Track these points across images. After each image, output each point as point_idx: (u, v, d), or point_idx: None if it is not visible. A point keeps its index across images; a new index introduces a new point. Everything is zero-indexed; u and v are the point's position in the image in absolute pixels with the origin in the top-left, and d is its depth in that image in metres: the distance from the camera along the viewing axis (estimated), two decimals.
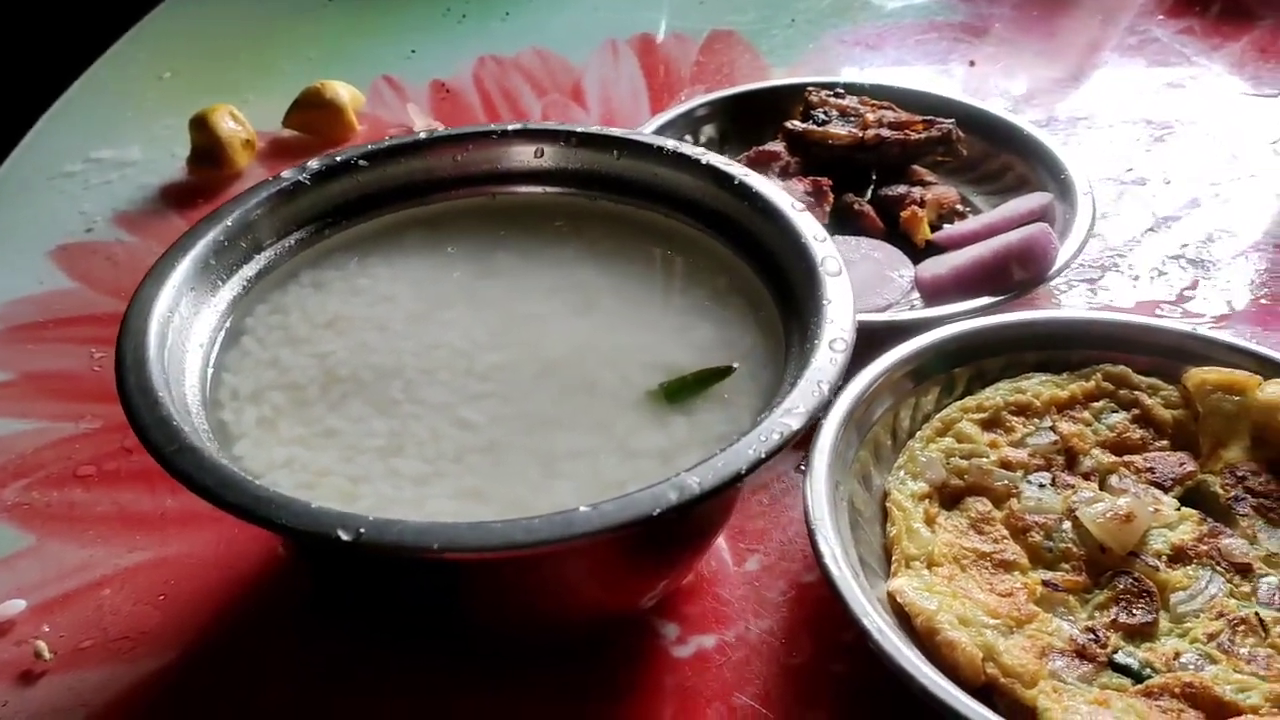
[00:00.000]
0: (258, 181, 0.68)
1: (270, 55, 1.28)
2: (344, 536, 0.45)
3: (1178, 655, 0.59)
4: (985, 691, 0.57)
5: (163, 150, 1.08)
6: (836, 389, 0.54)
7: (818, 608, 0.65)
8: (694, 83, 1.22)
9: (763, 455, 0.49)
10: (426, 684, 0.60)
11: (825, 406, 0.53)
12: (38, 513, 0.71)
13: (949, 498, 0.68)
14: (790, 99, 1.03)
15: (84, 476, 0.74)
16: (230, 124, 1.03)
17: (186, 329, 0.60)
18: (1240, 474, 0.68)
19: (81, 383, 0.81)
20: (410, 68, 1.26)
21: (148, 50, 1.29)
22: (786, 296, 0.63)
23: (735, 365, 0.61)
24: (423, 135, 0.72)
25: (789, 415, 0.51)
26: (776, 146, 0.96)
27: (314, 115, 1.09)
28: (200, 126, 1.03)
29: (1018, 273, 0.80)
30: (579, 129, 0.72)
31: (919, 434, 0.71)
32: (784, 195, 0.66)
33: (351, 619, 0.62)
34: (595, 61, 1.27)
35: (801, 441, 0.66)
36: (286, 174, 0.68)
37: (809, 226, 0.64)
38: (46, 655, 0.62)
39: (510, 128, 0.73)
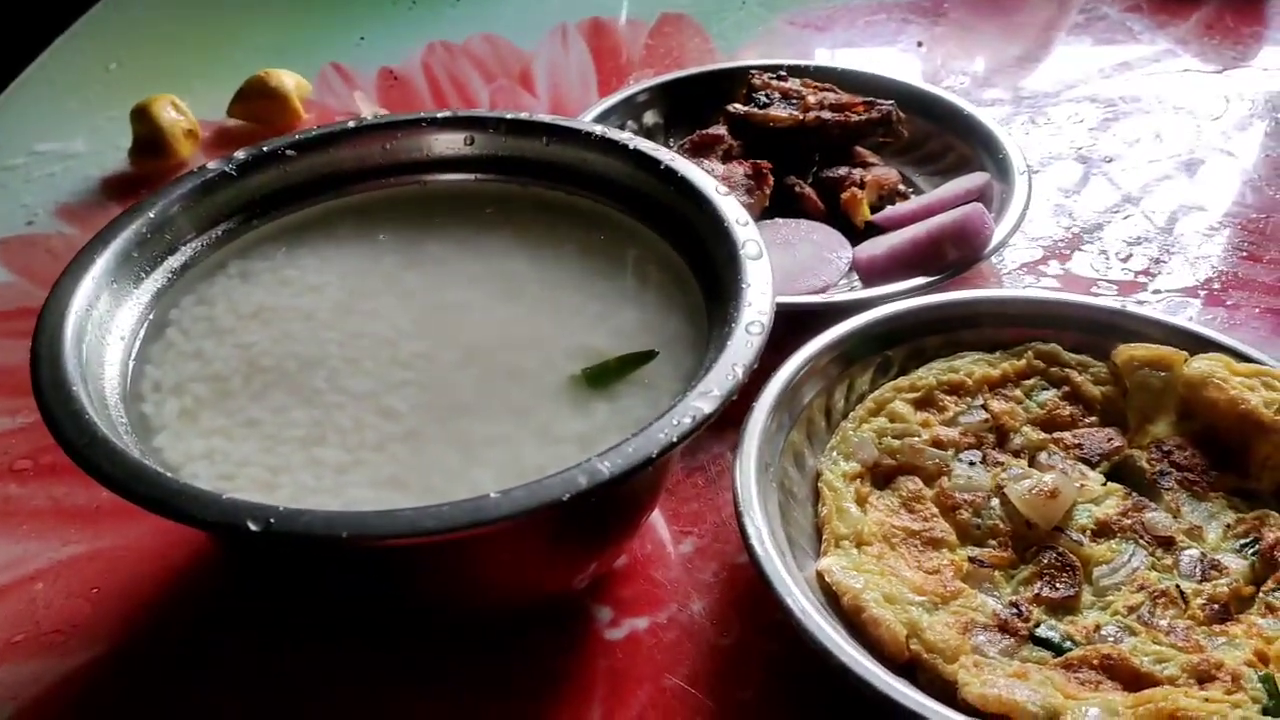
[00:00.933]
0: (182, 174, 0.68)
1: (218, 44, 1.27)
2: (253, 527, 0.45)
3: (1098, 628, 0.60)
4: (909, 668, 0.58)
5: (107, 142, 1.08)
6: (751, 371, 0.54)
7: (749, 588, 0.65)
8: (643, 67, 1.22)
9: (674, 439, 0.50)
10: (358, 675, 0.61)
11: (738, 389, 0.53)
12: None
13: (881, 477, 0.69)
14: (734, 82, 1.03)
15: (19, 471, 0.73)
16: (171, 114, 1.02)
17: (107, 322, 0.59)
18: (1166, 449, 0.69)
19: (18, 377, 0.79)
20: (359, 55, 1.25)
21: (94, 41, 1.27)
22: (710, 281, 0.63)
23: (657, 350, 0.61)
24: (351, 124, 0.72)
25: (702, 399, 0.52)
26: (719, 130, 0.96)
27: (259, 104, 1.08)
28: (141, 117, 1.02)
29: (952, 252, 0.80)
30: (508, 115, 0.72)
31: (852, 414, 0.72)
32: (708, 179, 0.66)
33: (278, 611, 0.62)
34: (545, 47, 1.26)
35: (736, 424, 0.67)
36: (212, 165, 0.68)
37: (732, 210, 0.64)
38: None
39: (439, 115, 0.72)
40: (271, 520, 0.46)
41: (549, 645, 0.62)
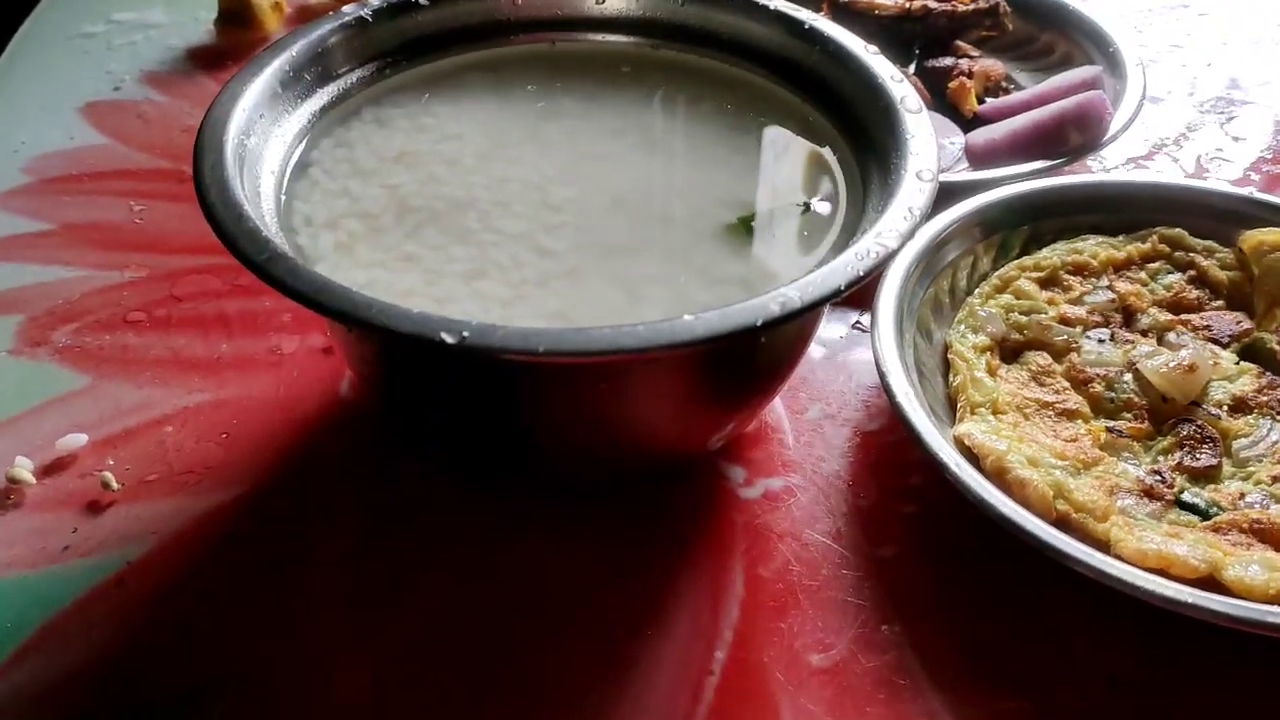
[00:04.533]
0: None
1: None
2: (448, 339, 0.45)
3: (1242, 495, 0.60)
4: (1057, 528, 0.58)
5: (186, 13, 1.05)
6: (926, 214, 0.53)
7: (883, 454, 0.65)
8: None
9: (861, 273, 0.49)
10: (492, 524, 0.60)
11: (915, 231, 0.53)
12: (90, 355, 0.70)
13: (1009, 352, 0.69)
14: None
15: (134, 322, 0.72)
16: None
17: (259, 154, 0.58)
18: None
19: (123, 233, 0.80)
20: None
21: None
22: (861, 139, 0.62)
23: (811, 203, 0.60)
24: None
25: (883, 237, 0.51)
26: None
27: None
28: None
29: (1074, 137, 0.80)
30: None
31: (978, 291, 0.71)
32: (856, 39, 0.65)
33: (410, 455, 0.61)
34: None
35: (858, 300, 0.66)
36: (348, 9, 0.66)
37: (884, 68, 0.63)
38: (114, 485, 0.61)
39: None
40: (465, 334, 0.45)
41: (685, 502, 0.62)
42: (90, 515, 0.60)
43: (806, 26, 0.66)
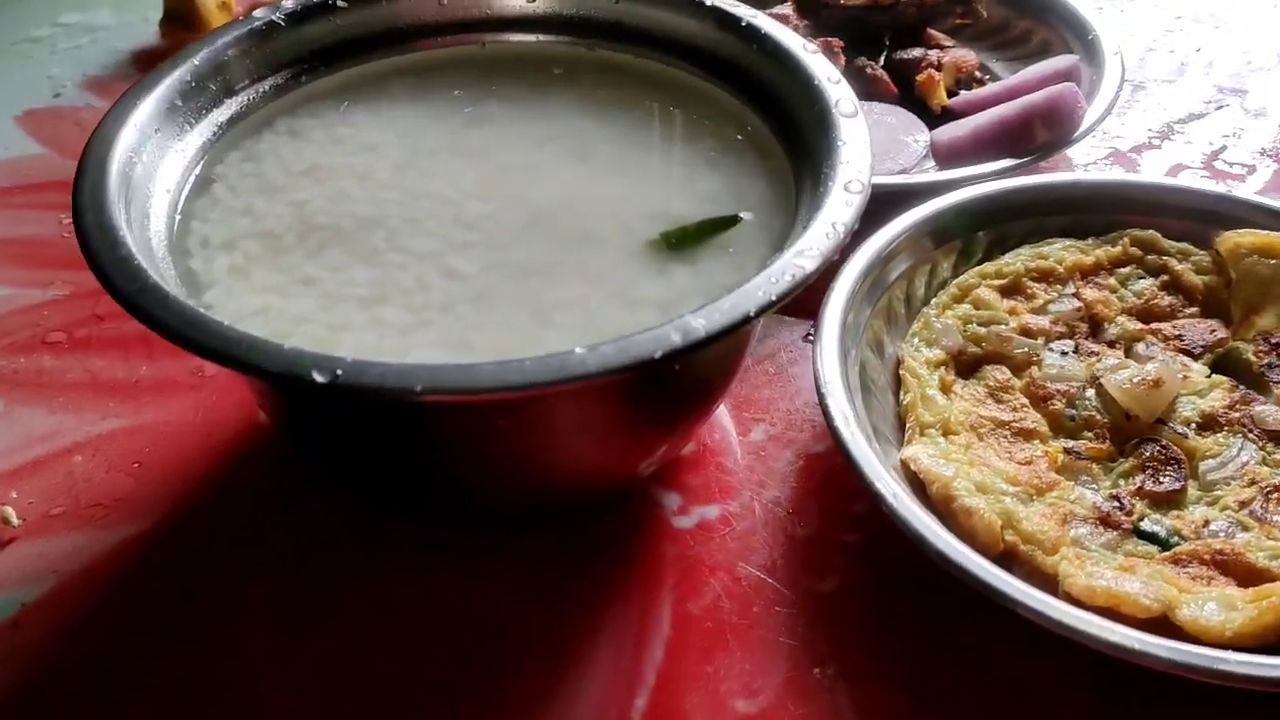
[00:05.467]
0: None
1: None
2: (319, 379, 0.42)
3: (1207, 523, 0.56)
4: (1003, 561, 0.54)
5: (134, 14, 1.02)
6: (852, 231, 0.50)
7: (827, 478, 0.62)
8: None
9: (773, 297, 0.46)
10: (410, 557, 0.57)
11: (839, 249, 0.49)
12: (4, 379, 0.67)
13: (965, 366, 0.65)
14: None
15: (53, 343, 0.70)
16: None
17: (152, 173, 0.55)
18: (1275, 340, 0.65)
19: (50, 249, 0.77)
20: None
21: None
22: (797, 144, 0.58)
23: (742, 215, 0.57)
24: None
25: (801, 257, 0.48)
26: (785, 9, 0.91)
27: None
28: None
29: (1041, 134, 0.75)
30: None
31: (935, 300, 0.67)
32: (795, 37, 0.61)
33: (329, 480, 0.58)
34: None
35: (808, 310, 0.63)
36: (259, 13, 0.63)
37: (821, 68, 0.59)
38: (14, 521, 0.59)
39: None
40: (339, 372, 0.42)
41: (614, 532, 0.59)
42: None
43: (744, 24, 0.63)
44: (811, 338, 0.71)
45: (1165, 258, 0.69)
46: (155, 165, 0.56)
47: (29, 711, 0.51)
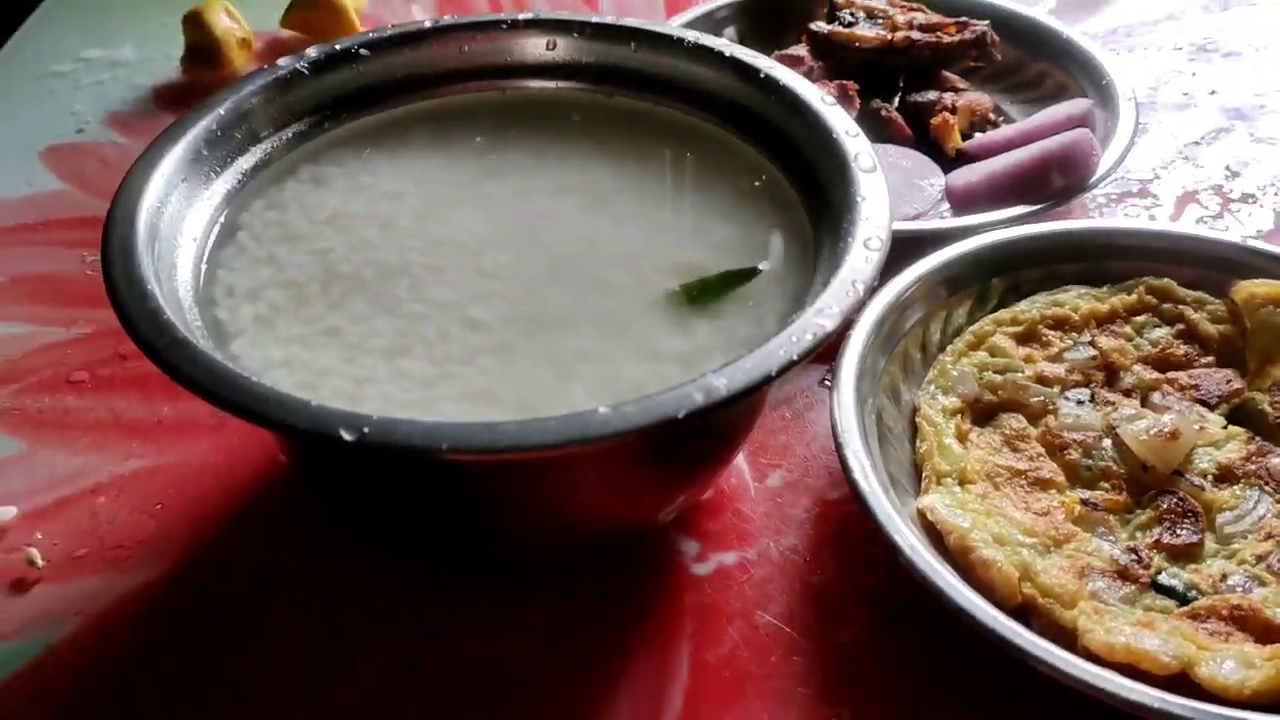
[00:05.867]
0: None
1: None
2: (347, 436, 0.42)
3: (1224, 577, 0.56)
4: (1021, 612, 0.54)
5: (156, 50, 1.03)
6: (872, 290, 0.50)
7: (844, 525, 0.62)
8: None
9: (794, 357, 0.46)
10: (433, 603, 0.58)
11: (860, 308, 0.49)
12: (29, 419, 0.68)
13: (981, 414, 0.65)
14: (814, 1, 0.98)
15: (77, 382, 0.70)
16: (225, 21, 0.98)
17: (179, 222, 0.56)
18: None
19: (73, 286, 0.78)
20: None
21: None
22: (816, 197, 0.59)
23: (761, 267, 0.57)
24: (427, 24, 0.67)
25: (822, 316, 0.48)
26: (800, 50, 0.92)
27: (313, 14, 1.04)
28: (194, 23, 0.98)
29: (1057, 180, 0.76)
30: (593, 19, 0.68)
31: (950, 348, 0.68)
32: (813, 89, 0.62)
33: (352, 531, 0.59)
34: None
35: (825, 355, 0.63)
36: (283, 62, 0.64)
37: (840, 121, 0.59)
38: (39, 563, 0.59)
39: (520, 17, 0.68)
40: (366, 430, 0.42)
41: (633, 578, 0.59)
42: (14, 595, 0.58)
43: (762, 75, 0.63)
44: (828, 382, 0.71)
45: (1181, 306, 0.69)
46: (182, 214, 0.56)
47: None
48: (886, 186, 0.55)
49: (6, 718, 0.53)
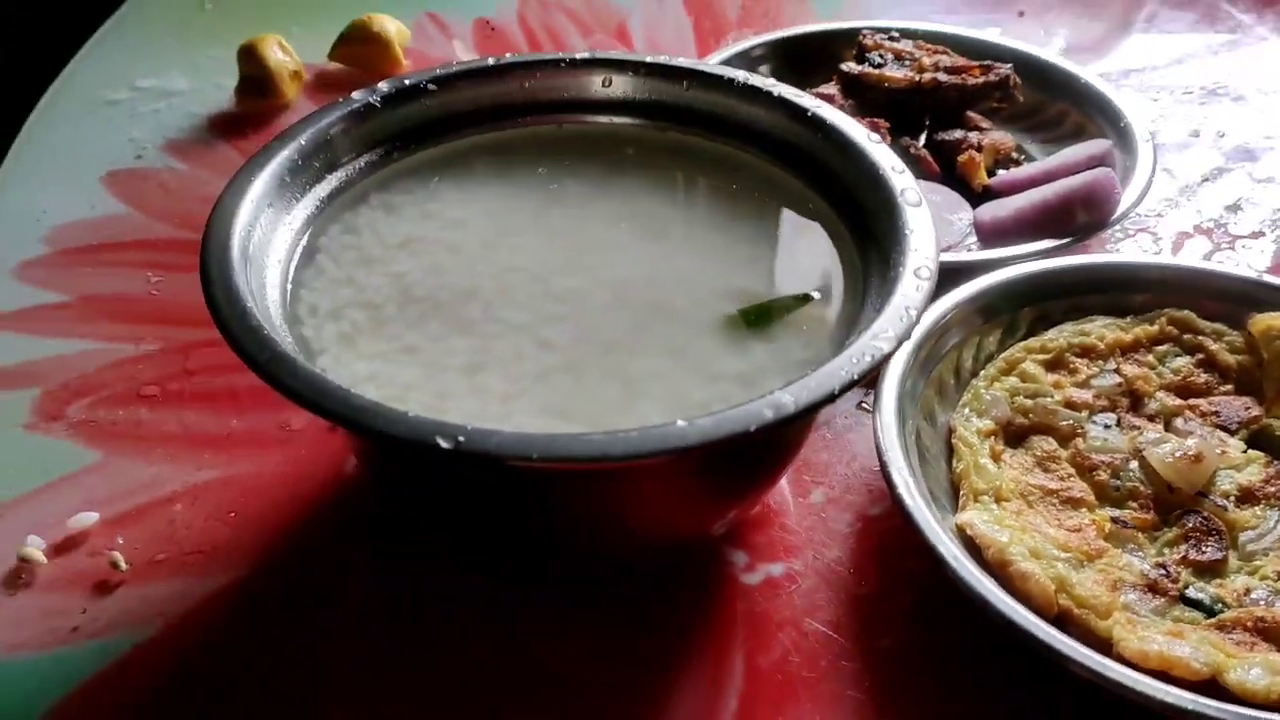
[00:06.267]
0: (320, 106, 0.67)
1: None
2: (443, 444, 0.45)
3: (1248, 591, 0.59)
4: (1057, 623, 0.57)
5: (208, 80, 1.07)
6: (922, 314, 0.54)
7: (885, 540, 0.65)
8: (741, 27, 1.21)
9: (855, 376, 0.50)
10: (497, 611, 0.61)
11: (910, 332, 0.53)
12: (104, 430, 0.71)
13: (1013, 436, 0.68)
14: (843, 43, 1.02)
15: (148, 396, 0.74)
16: (279, 54, 1.02)
17: (265, 245, 0.59)
18: None
19: (139, 305, 0.81)
20: (454, 5, 1.24)
21: None
22: (862, 229, 0.63)
23: (813, 294, 0.61)
24: (491, 61, 0.71)
25: (878, 339, 0.51)
26: (831, 89, 0.96)
27: (361, 49, 1.08)
28: (249, 56, 1.02)
29: (1081, 216, 0.80)
30: (648, 59, 0.72)
31: (983, 373, 0.71)
32: (859, 127, 0.66)
33: (419, 538, 0.62)
34: (640, 2, 1.25)
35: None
36: (357, 95, 0.67)
37: (886, 158, 0.63)
38: (123, 565, 0.62)
39: (579, 56, 0.72)
40: (461, 439, 0.46)
41: (687, 587, 0.62)
42: (99, 596, 0.61)
43: (809, 113, 0.67)
44: (865, 405, 0.75)
45: (1201, 337, 0.73)
46: (268, 238, 0.60)
47: None
48: (933, 220, 0.59)
49: (97, 714, 0.56)
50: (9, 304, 0.81)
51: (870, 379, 0.66)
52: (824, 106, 0.67)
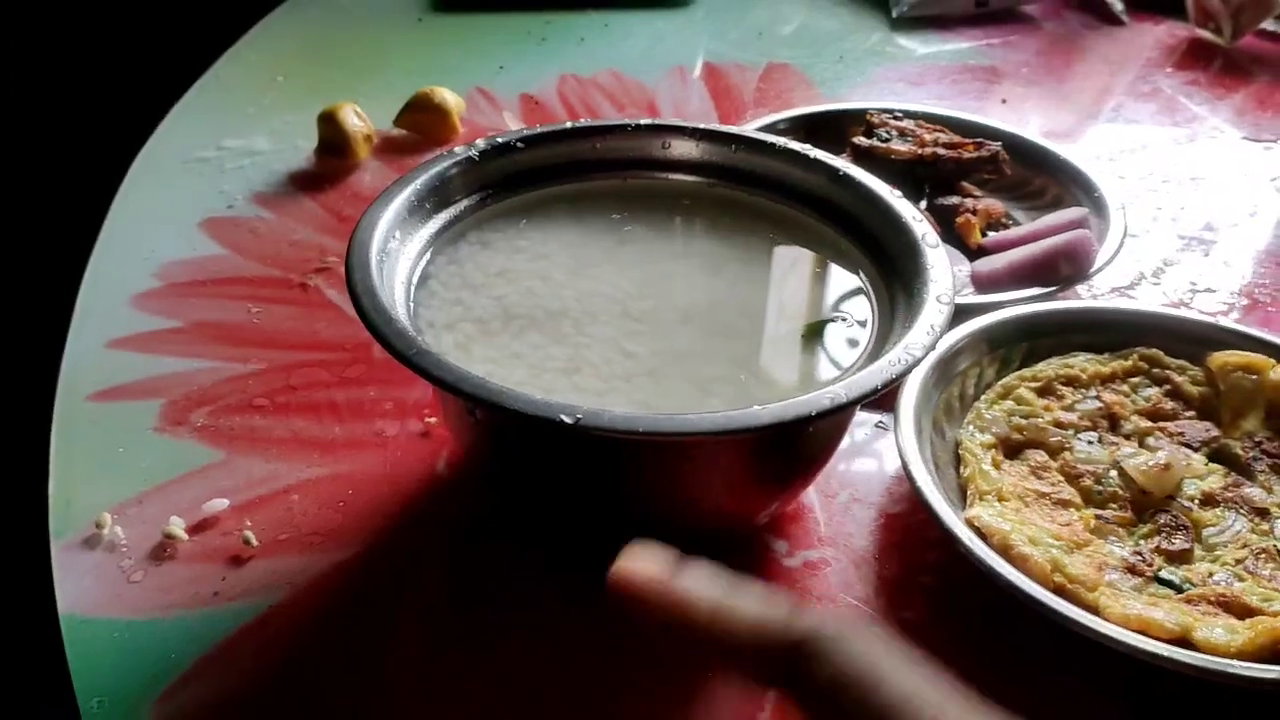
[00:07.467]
0: (421, 163, 0.78)
1: (372, 66, 1.40)
2: (566, 420, 0.56)
3: (1211, 574, 0.71)
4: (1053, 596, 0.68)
5: (286, 142, 1.20)
6: (943, 332, 0.66)
7: (906, 533, 0.76)
8: (757, 105, 1.35)
9: (893, 376, 0.61)
10: (563, 595, 0.69)
11: (935, 344, 0.65)
12: (224, 434, 0.81)
13: (1010, 449, 0.80)
14: (852, 120, 1.16)
15: (259, 407, 0.84)
16: (354, 120, 1.15)
17: (392, 270, 0.71)
18: (1257, 439, 0.81)
19: (244, 332, 0.92)
20: (500, 81, 1.38)
21: (260, 54, 1.41)
22: (888, 267, 0.75)
23: (849, 318, 0.73)
24: (568, 125, 0.84)
25: (909, 349, 0.63)
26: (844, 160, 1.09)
27: (423, 117, 1.21)
28: (328, 121, 1.14)
29: (1064, 268, 0.93)
30: (702, 126, 0.85)
31: (984, 397, 0.83)
32: (883, 185, 0.79)
33: (505, 528, 0.72)
34: (666, 83, 1.40)
35: (883, 403, 0.78)
36: (459, 150, 0.80)
37: (907, 209, 0.76)
38: (254, 542, 0.72)
39: (643, 122, 0.85)
40: (580, 416, 0.57)
41: (739, 566, 0.72)
42: (234, 567, 0.71)
43: (841, 173, 0.80)
44: (883, 424, 0.86)
45: (1168, 371, 0.85)
46: (395, 265, 0.71)
47: (281, 690, 0.64)
48: (947, 259, 0.71)
49: (240, 660, 0.65)
50: (130, 329, 0.91)
51: (885, 404, 0.78)
52: (852, 166, 0.80)
